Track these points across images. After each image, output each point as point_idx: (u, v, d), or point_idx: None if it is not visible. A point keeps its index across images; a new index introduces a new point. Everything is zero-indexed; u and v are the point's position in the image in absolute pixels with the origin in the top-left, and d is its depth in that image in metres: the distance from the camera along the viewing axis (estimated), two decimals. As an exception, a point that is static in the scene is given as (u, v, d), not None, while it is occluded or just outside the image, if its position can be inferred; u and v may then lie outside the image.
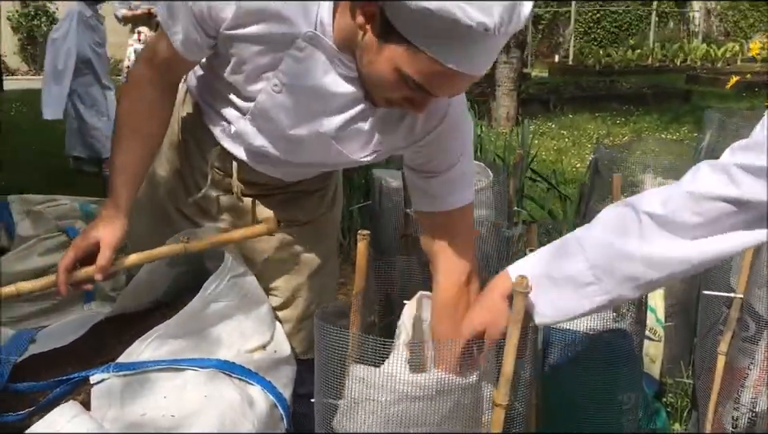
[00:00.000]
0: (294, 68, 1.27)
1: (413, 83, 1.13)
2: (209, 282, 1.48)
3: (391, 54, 1.12)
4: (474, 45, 1.07)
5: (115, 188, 1.39)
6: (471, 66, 1.10)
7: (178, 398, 1.27)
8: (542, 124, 7.24)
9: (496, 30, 1.04)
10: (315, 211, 1.64)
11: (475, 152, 3.22)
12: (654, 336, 2.04)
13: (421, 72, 1.11)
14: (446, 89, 1.17)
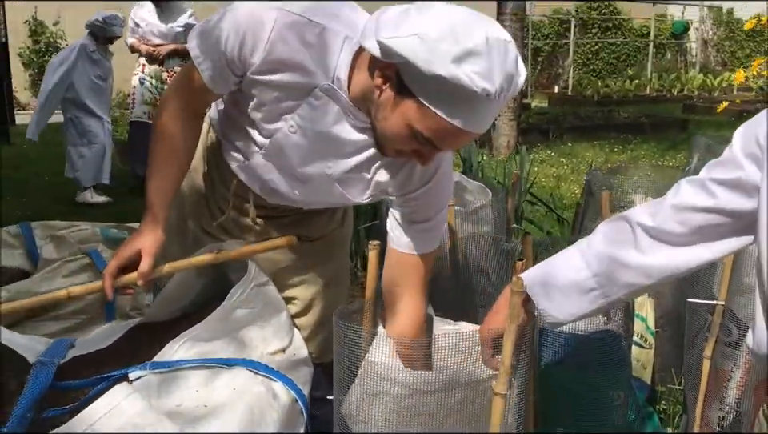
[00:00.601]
0: (310, 114, 1.44)
1: (422, 138, 1.30)
2: (234, 289, 1.62)
3: (405, 111, 1.29)
4: (477, 107, 1.25)
5: (152, 204, 1.55)
6: (474, 124, 1.28)
7: (209, 391, 1.40)
8: (541, 152, 7.42)
9: (496, 95, 1.22)
10: (326, 228, 1.79)
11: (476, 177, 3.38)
12: (645, 344, 2.17)
13: (430, 128, 1.28)
14: (450, 144, 1.35)
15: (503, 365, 1.32)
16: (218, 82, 1.50)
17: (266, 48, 1.38)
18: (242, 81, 1.48)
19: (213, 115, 1.75)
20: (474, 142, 4.01)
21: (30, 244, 3.09)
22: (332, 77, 1.41)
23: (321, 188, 1.57)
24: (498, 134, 6.93)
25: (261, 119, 1.51)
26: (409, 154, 1.38)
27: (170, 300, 1.76)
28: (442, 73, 1.20)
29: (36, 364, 1.53)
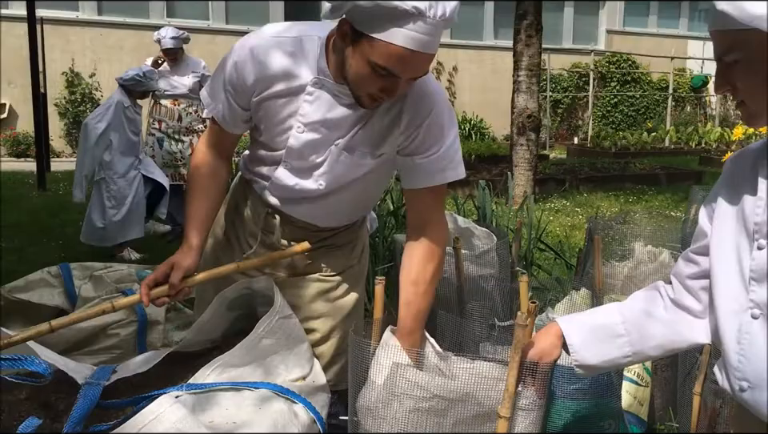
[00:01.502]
0: (309, 108, 1.74)
1: (381, 70, 1.55)
2: (261, 321, 1.81)
3: (361, 52, 1.55)
4: (416, 27, 1.50)
5: (187, 233, 1.84)
6: (417, 44, 1.52)
7: (237, 409, 1.58)
8: (557, 202, 7.59)
9: (428, 12, 1.48)
10: (346, 262, 1.99)
11: (490, 225, 3.56)
12: (642, 382, 2.30)
13: (383, 57, 1.52)
14: (406, 69, 1.57)
15: (507, 391, 1.49)
16: (229, 120, 1.83)
17: (255, 69, 1.72)
18: (250, 114, 1.81)
19: (240, 162, 2.02)
20: (489, 192, 4.20)
21: (68, 284, 3.30)
22: (316, 68, 1.71)
23: (338, 167, 1.80)
24: (514, 185, 7.12)
25: (274, 135, 1.80)
26: (378, 93, 1.62)
27: (203, 331, 1.95)
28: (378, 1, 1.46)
29: (84, 385, 1.72)
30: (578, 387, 1.80)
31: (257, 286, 1.95)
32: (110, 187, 5.29)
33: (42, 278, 3.24)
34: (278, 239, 1.95)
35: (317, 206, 1.90)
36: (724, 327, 1.26)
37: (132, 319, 3.00)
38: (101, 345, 2.94)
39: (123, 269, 3.35)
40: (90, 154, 5.23)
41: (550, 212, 6.92)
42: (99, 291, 3.16)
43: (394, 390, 1.46)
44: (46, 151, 8.87)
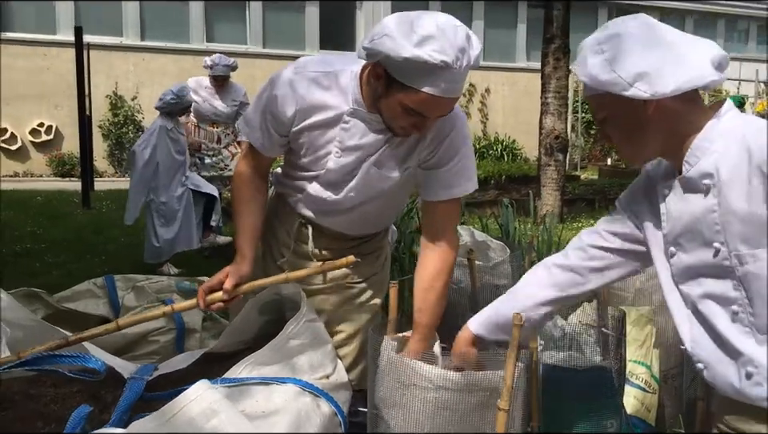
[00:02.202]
0: (345, 135, 1.95)
1: (411, 111, 1.76)
2: (288, 323, 1.98)
3: (395, 95, 1.76)
4: (442, 76, 1.70)
5: (240, 245, 2.05)
6: (443, 90, 1.72)
7: (266, 401, 1.75)
8: (584, 221, 7.67)
9: (454, 65, 1.68)
10: (371, 270, 2.17)
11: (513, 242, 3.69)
12: (649, 389, 2.42)
13: (414, 101, 1.74)
14: (434, 110, 1.78)
15: (505, 385, 1.64)
16: (267, 146, 2.04)
17: (295, 102, 1.93)
18: (288, 139, 2.01)
19: (273, 177, 2.21)
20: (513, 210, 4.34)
21: (112, 294, 3.51)
22: (351, 100, 1.91)
23: (367, 182, 2.01)
24: (542, 204, 7.23)
25: (313, 159, 2.01)
26: (410, 128, 1.84)
27: (236, 334, 2.14)
28: (408, 56, 1.66)
29: (129, 379, 1.91)
30: (579, 387, 1.93)
31: (285, 292, 2.13)
32: (159, 208, 5.54)
33: (89, 289, 3.45)
34: (311, 249, 2.13)
35: (346, 217, 2.10)
36: (678, 322, 1.48)
37: (171, 328, 3.20)
38: (142, 351, 3.13)
39: (164, 280, 3.55)
40: (140, 178, 5.52)
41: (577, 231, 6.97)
42: (141, 301, 3.36)
43: (402, 380, 1.62)
44: (90, 171, 9.22)
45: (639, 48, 1.40)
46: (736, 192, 1.34)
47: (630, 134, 1.46)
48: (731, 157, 1.36)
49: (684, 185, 1.44)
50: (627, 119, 1.44)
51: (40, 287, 3.18)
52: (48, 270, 5.43)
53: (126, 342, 3.08)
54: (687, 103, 1.42)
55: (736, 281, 1.37)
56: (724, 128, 1.41)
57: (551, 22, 7.45)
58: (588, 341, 2.12)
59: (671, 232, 1.47)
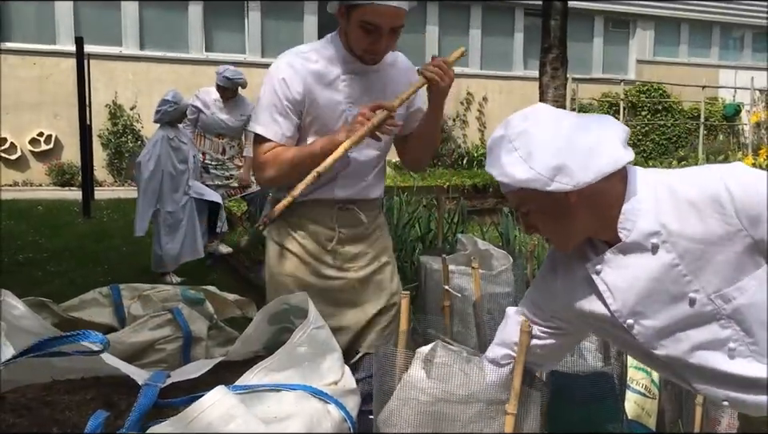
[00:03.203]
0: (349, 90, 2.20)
1: (368, 26, 2.06)
2: (296, 331, 2.03)
3: (353, 18, 2.08)
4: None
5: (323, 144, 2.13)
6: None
7: (278, 406, 1.79)
8: (583, 230, 7.71)
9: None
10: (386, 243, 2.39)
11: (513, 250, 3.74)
12: (649, 394, 2.47)
13: (366, 15, 2.05)
14: (382, 19, 2.06)
15: (513, 389, 1.69)
16: (289, 133, 2.19)
17: (301, 78, 2.15)
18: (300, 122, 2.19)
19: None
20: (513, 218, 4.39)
21: (118, 303, 3.55)
22: (339, 62, 2.18)
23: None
24: (541, 212, 7.28)
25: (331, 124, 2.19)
26: (369, 46, 2.11)
27: (247, 343, 2.19)
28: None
29: (143, 386, 1.95)
30: (581, 392, 1.98)
31: (293, 301, 2.19)
32: (166, 217, 5.60)
33: (94, 298, 3.48)
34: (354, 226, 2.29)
35: (372, 175, 2.31)
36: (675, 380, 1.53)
37: (178, 336, 3.23)
38: (149, 359, 3.16)
39: (169, 289, 3.58)
40: (147, 189, 5.57)
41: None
42: (147, 310, 3.39)
43: (403, 396, 1.67)
44: (90, 180, 9.26)
45: (550, 141, 1.40)
46: (694, 236, 1.33)
47: (556, 223, 1.47)
48: (668, 207, 1.37)
49: (625, 252, 1.42)
50: (552, 210, 1.45)
51: (42, 296, 3.22)
52: (50, 279, 5.47)
53: (133, 350, 3.11)
54: (605, 180, 1.41)
55: (724, 320, 1.35)
56: (642, 184, 1.42)
57: (549, 32, 7.53)
58: (590, 347, 2.17)
59: (624, 305, 1.45)
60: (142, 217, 5.63)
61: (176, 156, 5.65)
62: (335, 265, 2.30)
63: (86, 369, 2.16)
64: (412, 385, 1.68)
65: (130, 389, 2.04)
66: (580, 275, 1.52)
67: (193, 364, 2.19)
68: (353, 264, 2.30)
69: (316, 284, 2.30)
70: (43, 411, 1.94)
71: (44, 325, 2.34)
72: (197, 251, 5.74)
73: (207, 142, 6.28)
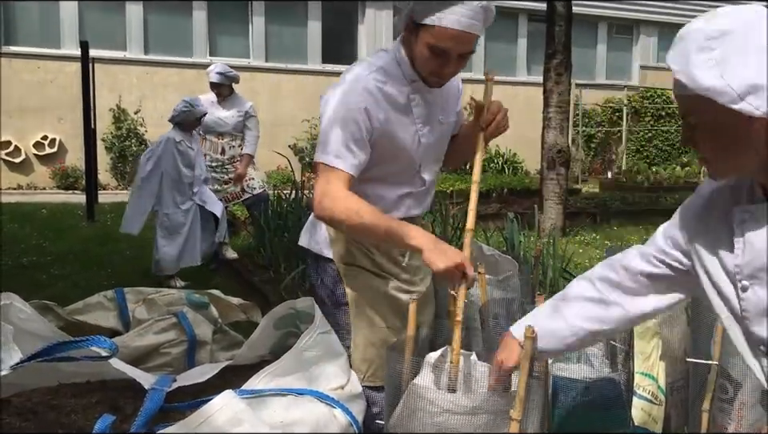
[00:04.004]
0: (419, 110, 2.13)
1: (437, 50, 1.97)
2: (303, 336, 2.03)
3: (422, 38, 1.98)
4: (460, 11, 1.91)
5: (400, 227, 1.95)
6: (462, 24, 1.93)
7: (284, 411, 1.79)
8: (587, 235, 7.73)
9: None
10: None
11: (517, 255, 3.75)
12: (656, 401, 2.46)
13: (437, 38, 1.95)
14: (455, 44, 1.97)
15: (518, 395, 1.68)
16: (363, 161, 2.05)
17: (380, 105, 2.05)
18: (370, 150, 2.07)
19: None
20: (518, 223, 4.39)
21: (122, 307, 3.56)
22: (406, 81, 2.10)
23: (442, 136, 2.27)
24: (545, 218, 7.28)
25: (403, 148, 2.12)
26: (437, 69, 2.02)
27: (253, 347, 2.19)
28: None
29: (150, 390, 1.95)
30: (588, 399, 1.98)
31: (300, 306, 2.19)
32: (163, 219, 5.58)
33: (99, 301, 3.49)
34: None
35: (434, 186, 2.32)
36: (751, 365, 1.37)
37: (182, 340, 3.24)
38: (154, 363, 3.17)
39: (174, 293, 3.58)
40: (139, 188, 5.55)
41: (580, 244, 7.06)
42: (152, 314, 3.40)
43: (411, 405, 1.67)
44: (94, 184, 9.28)
45: (755, 53, 1.17)
46: None
47: (725, 147, 1.25)
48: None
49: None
50: (724, 131, 1.24)
51: (47, 299, 3.22)
52: (54, 282, 5.48)
53: (138, 354, 3.12)
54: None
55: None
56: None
57: (553, 38, 7.54)
58: (597, 354, 2.17)
59: (748, 264, 1.29)
60: (133, 214, 5.58)
61: (181, 159, 5.62)
62: (406, 279, 2.22)
63: (91, 373, 2.17)
64: (420, 395, 1.67)
65: (136, 393, 2.04)
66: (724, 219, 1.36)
67: (198, 368, 2.19)
68: (417, 276, 2.24)
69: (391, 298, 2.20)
70: (49, 415, 1.94)
71: (51, 329, 2.35)
72: (195, 256, 5.70)
73: (207, 144, 6.33)
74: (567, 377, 2.01)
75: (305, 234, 2.35)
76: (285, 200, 6.34)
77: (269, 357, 2.22)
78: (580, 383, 2.01)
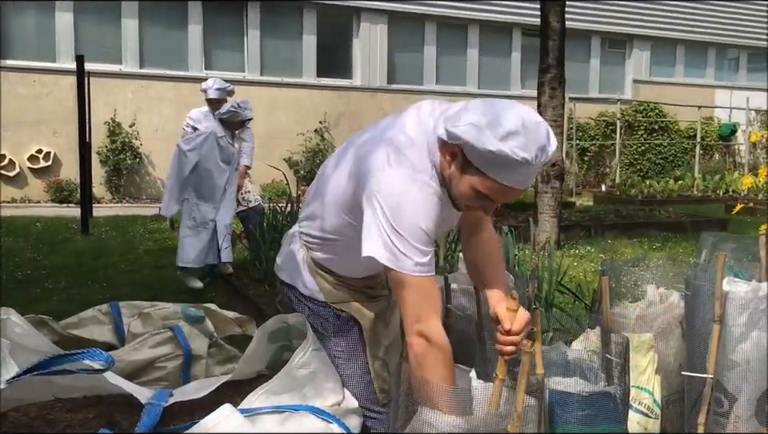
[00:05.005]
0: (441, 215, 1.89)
1: (483, 196, 1.82)
2: (296, 352, 2.03)
3: (469, 179, 1.80)
4: (520, 170, 1.76)
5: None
6: (519, 183, 1.80)
7: (281, 426, 1.80)
8: (581, 248, 7.74)
9: (533, 161, 1.73)
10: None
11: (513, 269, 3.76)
12: (651, 414, 2.46)
13: (488, 189, 1.80)
14: (504, 198, 1.86)
15: (515, 411, 1.69)
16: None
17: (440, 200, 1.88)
18: None
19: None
20: (512, 237, 4.40)
21: (117, 321, 3.54)
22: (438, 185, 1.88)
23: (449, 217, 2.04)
24: (540, 231, 7.31)
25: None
26: (476, 208, 1.91)
27: (249, 363, 2.19)
28: (492, 149, 1.70)
29: (146, 405, 1.95)
30: (585, 413, 1.98)
31: (292, 321, 2.19)
32: (193, 211, 5.76)
33: (94, 315, 3.47)
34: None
35: None
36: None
37: (178, 354, 3.23)
38: (149, 377, 3.16)
39: (169, 307, 3.58)
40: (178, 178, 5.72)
41: (575, 258, 7.07)
42: (148, 328, 3.38)
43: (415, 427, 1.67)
44: (89, 197, 9.26)
45: None
46: None
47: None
48: None
49: None
50: None
51: (41, 313, 3.21)
52: (48, 296, 5.46)
53: (133, 368, 3.11)
54: None
55: None
56: None
57: (547, 53, 7.59)
58: (592, 367, 2.17)
59: None
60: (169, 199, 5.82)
61: (220, 154, 5.79)
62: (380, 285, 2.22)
63: (88, 388, 2.16)
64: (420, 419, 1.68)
65: (132, 408, 2.03)
66: None
67: (195, 383, 2.19)
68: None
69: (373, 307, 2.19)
70: (45, 430, 1.94)
71: (46, 343, 2.34)
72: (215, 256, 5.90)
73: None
74: (563, 391, 2.01)
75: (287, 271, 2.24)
76: (280, 213, 6.34)
77: (266, 372, 2.21)
78: (576, 396, 2.01)
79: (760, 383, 2.19)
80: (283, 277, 2.24)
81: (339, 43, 14.60)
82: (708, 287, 2.23)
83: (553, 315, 3.63)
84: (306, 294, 2.16)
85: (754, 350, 2.17)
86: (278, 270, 2.27)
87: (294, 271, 2.19)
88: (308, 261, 2.15)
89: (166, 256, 6.91)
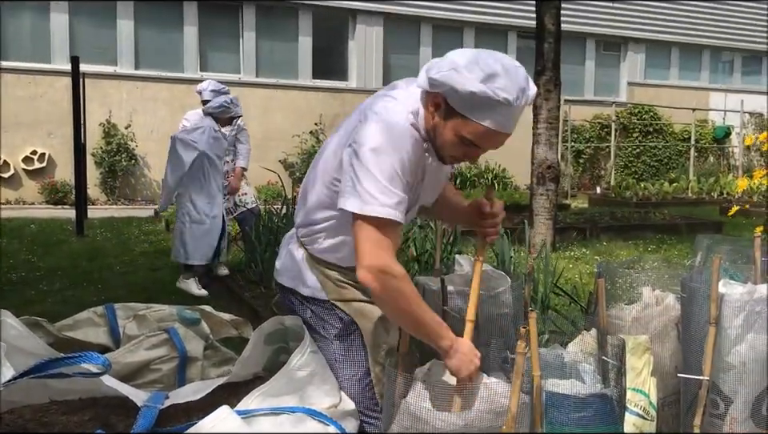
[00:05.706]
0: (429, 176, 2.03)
1: (468, 142, 1.88)
2: (294, 354, 2.03)
3: (453, 126, 1.86)
4: (502, 112, 1.81)
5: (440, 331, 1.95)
6: (501, 125, 1.84)
7: (278, 428, 1.79)
8: (576, 250, 7.75)
9: (514, 102, 1.79)
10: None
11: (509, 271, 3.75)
12: (647, 416, 2.47)
13: (472, 133, 1.85)
14: (488, 143, 1.90)
15: (510, 410, 1.69)
16: (409, 207, 1.97)
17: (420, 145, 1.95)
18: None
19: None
20: (508, 239, 4.41)
21: (113, 323, 3.53)
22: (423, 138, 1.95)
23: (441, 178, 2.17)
24: (535, 233, 7.31)
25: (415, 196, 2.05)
26: (460, 156, 1.95)
27: (246, 365, 2.18)
28: (474, 90, 1.76)
29: (142, 407, 1.95)
30: (582, 415, 1.99)
31: (288, 323, 2.19)
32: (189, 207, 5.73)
33: (89, 317, 3.46)
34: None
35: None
36: None
37: (173, 356, 3.22)
38: (144, 379, 3.15)
39: (165, 309, 3.56)
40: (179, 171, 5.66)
41: (570, 260, 7.08)
42: (143, 330, 3.37)
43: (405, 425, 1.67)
44: (84, 199, 9.23)
45: None
46: None
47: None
48: None
49: None
50: None
51: (36, 315, 3.20)
52: (43, 298, 5.44)
53: (128, 370, 3.10)
54: None
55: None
56: None
57: (542, 55, 7.60)
58: (588, 369, 2.17)
59: None
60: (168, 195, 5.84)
61: (214, 149, 5.82)
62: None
63: (83, 390, 2.15)
64: (412, 414, 1.68)
65: (128, 410, 2.03)
66: None
67: (191, 385, 2.18)
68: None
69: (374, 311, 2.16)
70: (40, 433, 1.93)
71: (42, 345, 2.33)
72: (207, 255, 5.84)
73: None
74: (559, 393, 2.01)
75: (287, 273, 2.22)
76: (276, 215, 6.33)
77: (263, 374, 2.21)
78: (572, 399, 2.01)
79: (756, 385, 2.19)
80: (284, 282, 2.23)
81: (335, 45, 14.60)
82: (704, 290, 2.24)
83: (549, 317, 3.63)
84: (308, 294, 2.15)
85: (749, 352, 2.17)
86: (278, 275, 2.26)
87: (294, 271, 2.19)
88: (306, 258, 2.15)
89: (161, 258, 6.90)
